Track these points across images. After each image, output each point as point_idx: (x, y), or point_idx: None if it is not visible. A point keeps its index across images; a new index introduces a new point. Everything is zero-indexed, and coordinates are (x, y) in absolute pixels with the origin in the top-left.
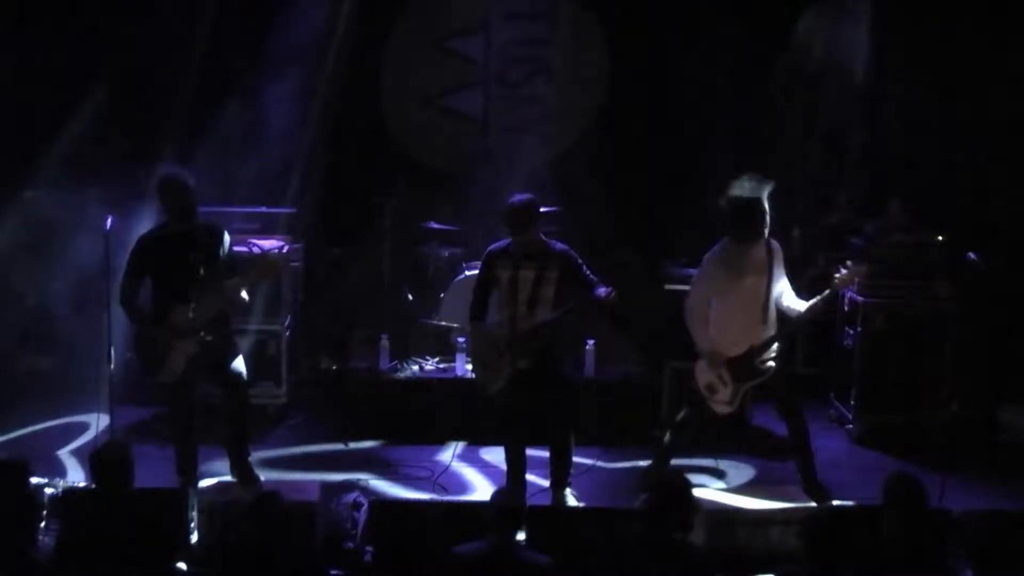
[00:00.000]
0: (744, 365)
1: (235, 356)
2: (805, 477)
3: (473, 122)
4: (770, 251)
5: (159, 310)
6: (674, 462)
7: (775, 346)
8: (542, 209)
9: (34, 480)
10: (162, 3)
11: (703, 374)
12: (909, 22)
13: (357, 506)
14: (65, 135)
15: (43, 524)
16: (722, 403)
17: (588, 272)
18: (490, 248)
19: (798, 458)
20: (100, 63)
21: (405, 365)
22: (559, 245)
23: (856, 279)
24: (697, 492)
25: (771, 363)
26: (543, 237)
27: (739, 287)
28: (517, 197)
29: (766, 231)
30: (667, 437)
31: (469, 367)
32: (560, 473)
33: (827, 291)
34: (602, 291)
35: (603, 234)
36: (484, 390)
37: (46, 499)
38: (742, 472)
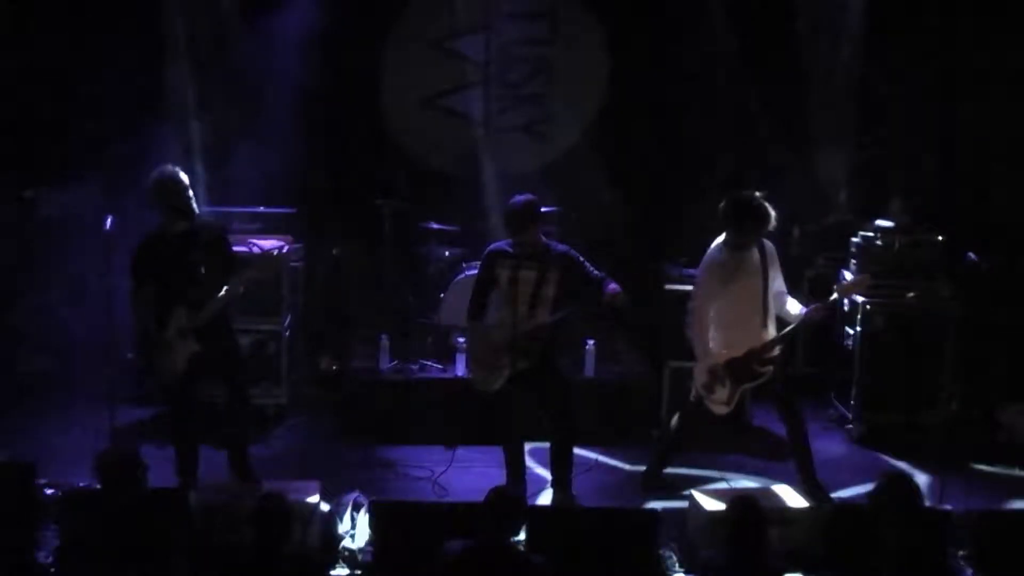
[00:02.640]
0: (743, 367)
1: (236, 355)
2: (805, 478)
3: (473, 122)
4: (764, 252)
5: (160, 310)
6: (683, 473)
7: (776, 349)
8: (542, 209)
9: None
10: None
11: (702, 374)
12: (909, 21)
13: (357, 506)
14: (65, 135)
15: (45, 525)
16: (719, 403)
17: (592, 269)
18: (490, 247)
19: (797, 459)
20: (100, 63)
21: (407, 366)
22: (560, 246)
23: (859, 288)
24: (696, 493)
25: (770, 366)
26: (543, 238)
27: (735, 289)
28: (517, 197)
29: (761, 234)
30: (664, 437)
31: (468, 367)
32: (561, 473)
33: (829, 298)
34: (612, 287)
35: (603, 234)
36: (483, 390)
37: (48, 500)
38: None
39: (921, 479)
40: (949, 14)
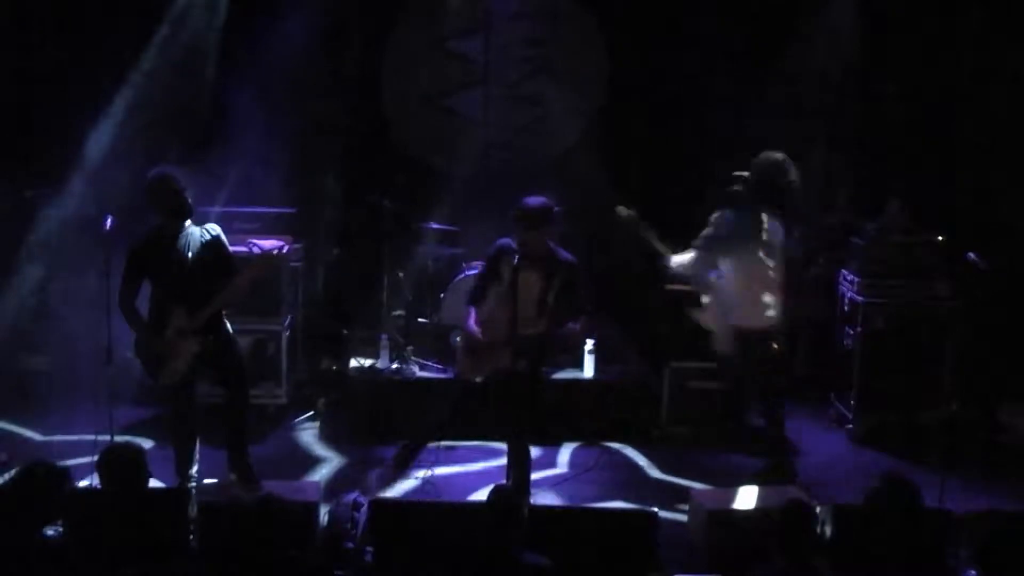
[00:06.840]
0: None
1: (235, 356)
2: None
3: (473, 122)
4: None
5: (158, 312)
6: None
7: None
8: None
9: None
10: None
11: None
12: (909, 21)
13: (357, 506)
14: (65, 135)
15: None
16: None
17: (584, 295)
18: (499, 242)
19: None
20: (101, 62)
21: (406, 365)
22: (566, 254)
23: None
24: (696, 493)
25: None
26: (550, 243)
27: None
28: (533, 198)
29: None
30: None
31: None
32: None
33: None
34: (575, 326)
35: (603, 234)
36: (466, 379)
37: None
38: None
39: (921, 479)
40: (949, 14)
